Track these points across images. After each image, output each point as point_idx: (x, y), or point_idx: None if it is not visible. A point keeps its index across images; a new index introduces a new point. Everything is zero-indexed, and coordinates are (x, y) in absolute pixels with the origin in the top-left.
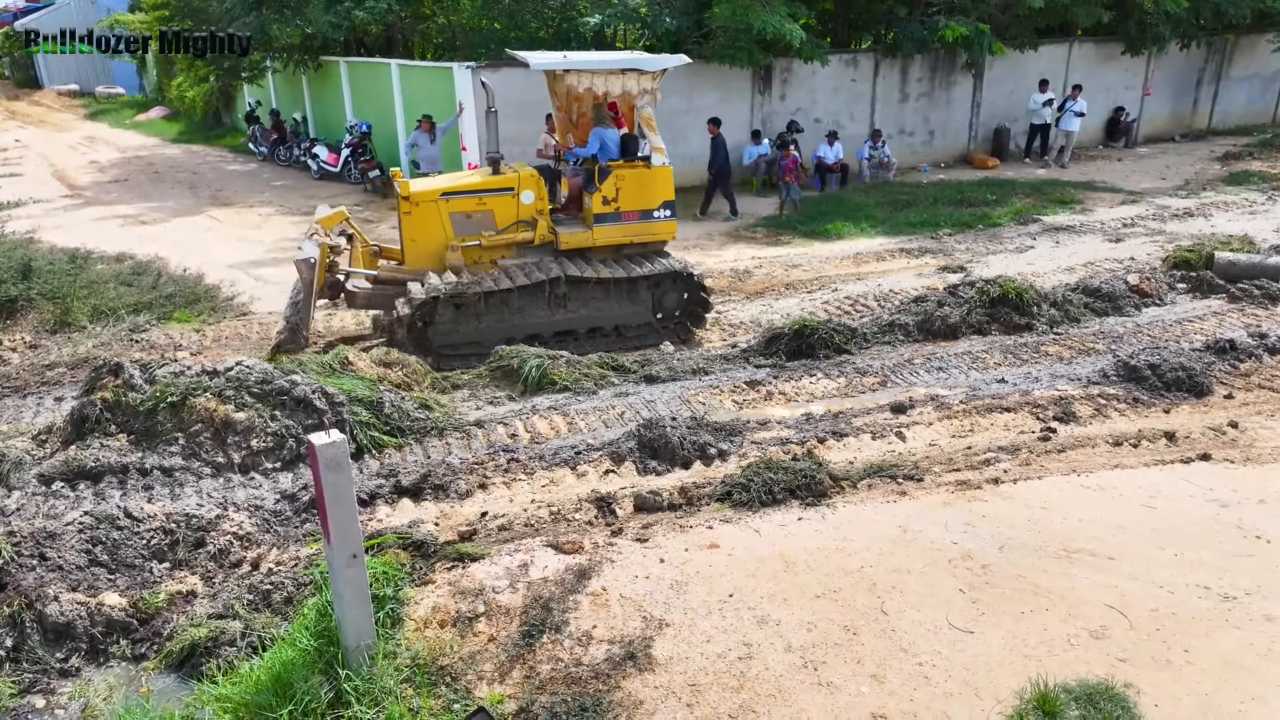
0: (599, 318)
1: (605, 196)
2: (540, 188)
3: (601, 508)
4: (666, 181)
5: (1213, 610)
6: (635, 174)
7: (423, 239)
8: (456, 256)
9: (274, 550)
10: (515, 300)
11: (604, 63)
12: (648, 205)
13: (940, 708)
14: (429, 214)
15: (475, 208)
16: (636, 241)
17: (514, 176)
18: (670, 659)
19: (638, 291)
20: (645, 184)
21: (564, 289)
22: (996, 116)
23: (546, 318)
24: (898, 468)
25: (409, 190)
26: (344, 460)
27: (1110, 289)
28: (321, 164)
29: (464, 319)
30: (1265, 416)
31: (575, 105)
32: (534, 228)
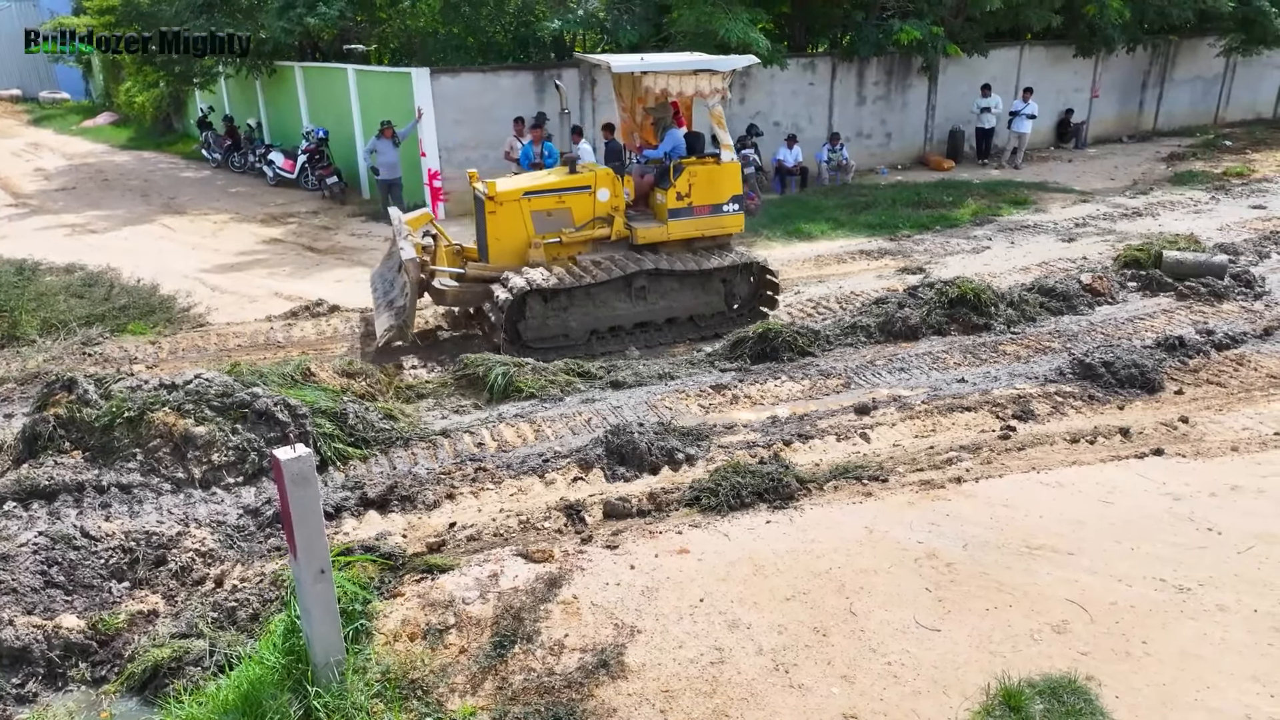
0: (676, 308)
1: (679, 192)
2: (616, 186)
3: (571, 515)
4: (735, 177)
5: (1169, 602)
6: (706, 170)
7: (506, 237)
8: (539, 253)
9: (238, 566)
10: (600, 294)
11: (680, 64)
12: (718, 200)
13: (910, 706)
14: (512, 213)
15: (555, 206)
16: (707, 235)
17: (591, 175)
18: (643, 665)
19: (712, 282)
20: (715, 179)
21: (644, 282)
22: (951, 119)
23: (628, 310)
24: (863, 469)
25: (495, 190)
26: (310, 474)
27: (1064, 288)
28: (278, 170)
29: (553, 313)
30: (1214, 411)
31: (638, 105)
32: (610, 224)
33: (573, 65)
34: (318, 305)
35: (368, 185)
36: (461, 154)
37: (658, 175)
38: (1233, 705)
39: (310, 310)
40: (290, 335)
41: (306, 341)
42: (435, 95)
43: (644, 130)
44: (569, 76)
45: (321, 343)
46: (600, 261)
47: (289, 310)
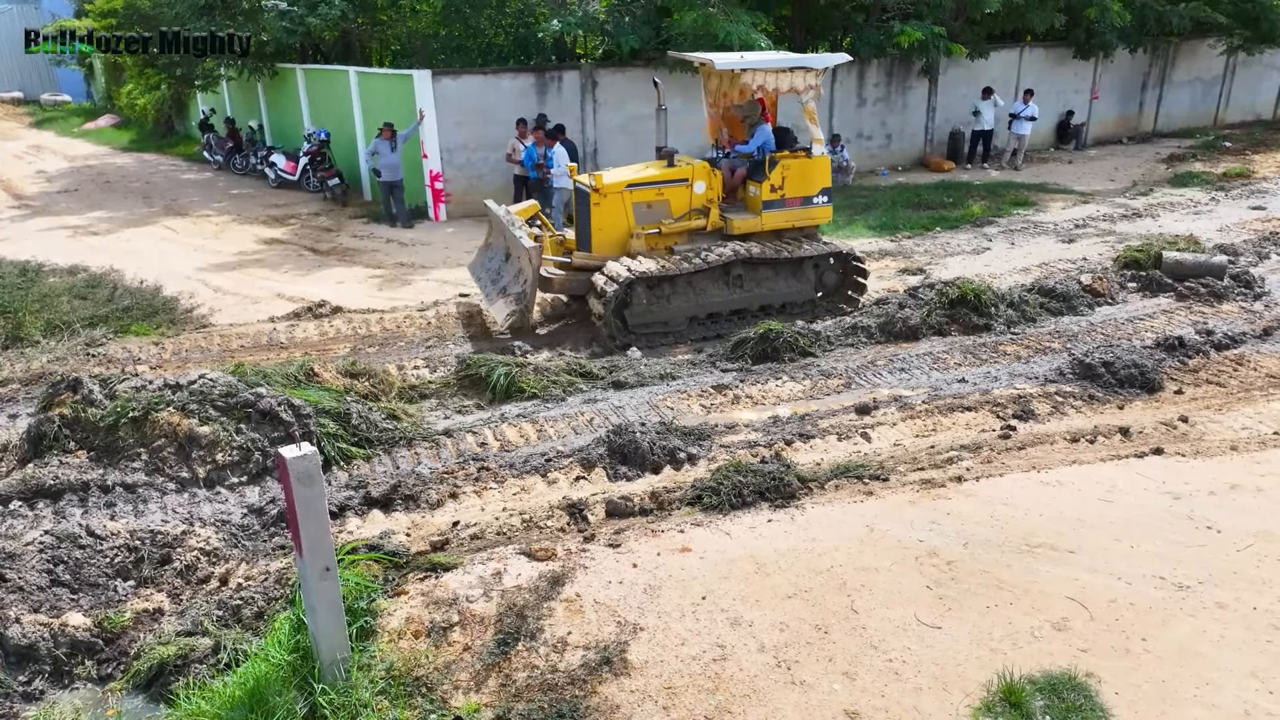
0: (769, 296)
1: (773, 184)
2: (711, 179)
3: (573, 514)
4: (824, 170)
5: (1168, 599)
6: (799, 164)
7: (609, 228)
8: (639, 243)
9: (243, 565)
10: (699, 282)
11: (777, 62)
12: (808, 192)
13: (911, 703)
14: (615, 205)
15: (655, 198)
16: (798, 226)
17: (689, 169)
18: (645, 663)
19: (803, 271)
20: (807, 172)
21: (741, 270)
22: (951, 120)
23: (725, 297)
24: (864, 468)
25: (601, 183)
26: (315, 473)
27: (1064, 289)
28: (279, 172)
29: (656, 300)
30: (1214, 411)
31: (723, 101)
32: (706, 215)
33: (572, 68)
34: (320, 306)
35: (369, 187)
36: (463, 155)
37: (750, 169)
38: (1231, 701)
39: (313, 311)
40: (293, 336)
41: (309, 342)
42: (437, 97)
43: (732, 126)
44: (569, 79)
45: (324, 343)
46: (700, 250)
47: (292, 311)
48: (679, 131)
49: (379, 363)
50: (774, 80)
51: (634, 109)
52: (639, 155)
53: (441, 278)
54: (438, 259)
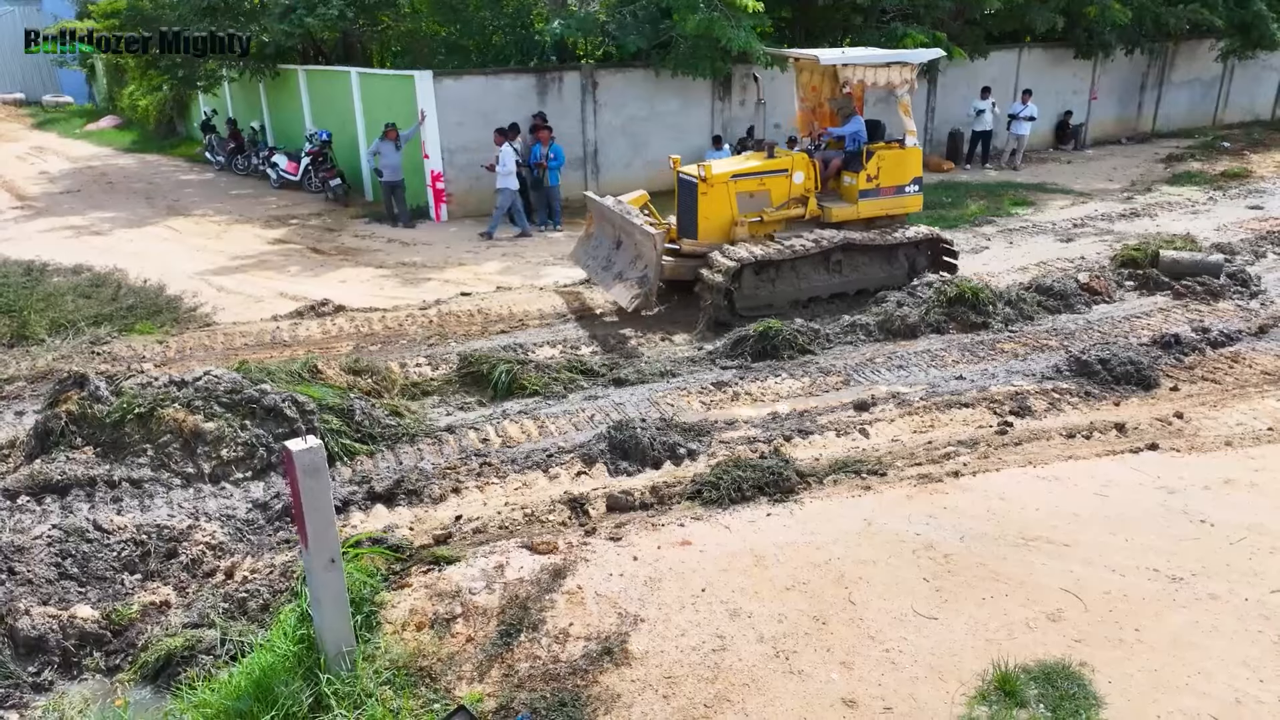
0: (865, 280)
1: (869, 174)
2: (809, 170)
3: (574, 508)
4: (916, 161)
5: (1161, 591)
6: (893, 154)
7: (714, 216)
8: (742, 231)
9: (248, 559)
10: (802, 267)
11: (877, 58)
12: (901, 181)
13: (907, 691)
14: (720, 194)
15: (757, 188)
16: (891, 213)
17: (789, 160)
18: (646, 653)
19: (897, 256)
20: (901, 163)
21: (840, 256)
22: (950, 121)
23: (825, 281)
24: (862, 463)
25: (710, 173)
26: (321, 466)
27: (1062, 287)
28: (281, 173)
29: (762, 284)
30: (1208, 407)
31: (814, 95)
32: (804, 204)
33: (573, 69)
34: (323, 305)
35: (371, 187)
36: (464, 156)
37: (847, 159)
38: (1223, 690)
39: (315, 310)
40: (296, 334)
41: (312, 340)
42: (438, 98)
43: (822, 119)
44: (569, 80)
45: (327, 342)
46: (802, 236)
47: (294, 310)
48: (681, 132)
49: (381, 360)
50: (872, 75)
51: (634, 110)
52: (638, 156)
53: (446, 277)
54: (439, 259)
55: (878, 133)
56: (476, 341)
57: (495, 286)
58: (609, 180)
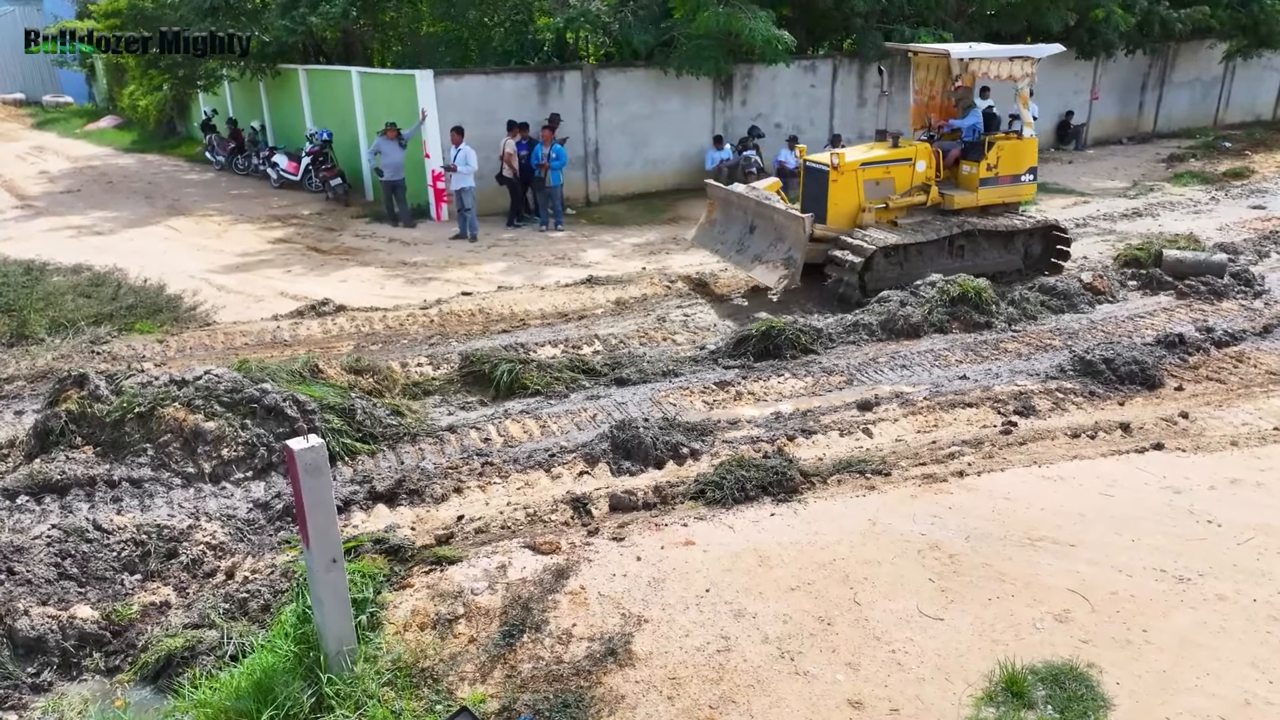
0: (983, 265)
1: (989, 163)
2: (931, 159)
3: (577, 508)
4: (1032, 151)
5: (1168, 592)
6: (1011, 145)
7: (843, 202)
8: (869, 216)
9: (249, 559)
10: (929, 251)
11: (1001, 51)
12: (1017, 171)
13: (913, 692)
14: (849, 181)
15: (883, 176)
16: (1008, 201)
17: (912, 149)
18: (650, 654)
19: (1014, 242)
20: (1018, 153)
21: (963, 242)
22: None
23: (947, 265)
24: (866, 463)
25: (842, 161)
26: (323, 464)
27: (1065, 287)
28: (281, 172)
29: (892, 268)
30: (1213, 407)
31: (923, 86)
32: (926, 192)
33: (574, 69)
34: (323, 305)
35: (371, 187)
36: None
37: (967, 149)
38: (1231, 691)
39: (316, 310)
40: (296, 334)
41: (313, 340)
42: (439, 97)
43: (935, 111)
44: (570, 80)
45: (328, 341)
46: (928, 222)
47: (295, 310)
48: (682, 131)
49: (382, 360)
50: (996, 68)
51: (634, 109)
52: (639, 155)
53: (447, 277)
54: (440, 258)
55: (993, 124)
56: (478, 341)
57: (496, 286)
58: (610, 180)
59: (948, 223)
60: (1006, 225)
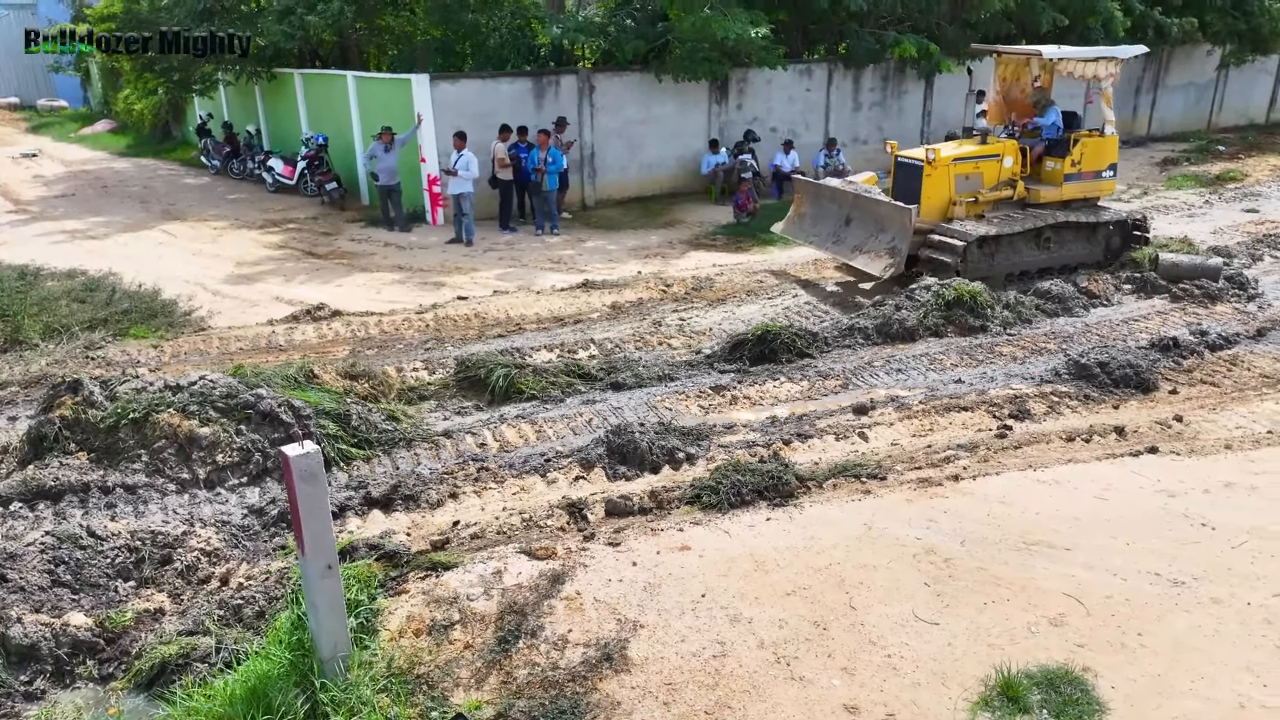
0: (1067, 257)
1: (1073, 159)
2: (1018, 155)
3: (573, 513)
4: (1113, 148)
5: (1163, 595)
6: (1094, 142)
7: (935, 196)
8: (959, 210)
9: (243, 565)
10: (1018, 243)
11: (1087, 53)
12: (1099, 167)
13: (909, 697)
14: (942, 176)
15: (972, 171)
16: (1089, 196)
17: (1000, 146)
18: (646, 659)
19: (1096, 235)
20: (1100, 150)
21: (1050, 234)
22: (947, 124)
23: (1035, 257)
24: (861, 467)
25: (938, 155)
26: (318, 471)
27: (1060, 290)
28: (277, 177)
29: (984, 258)
30: (1208, 410)
31: (1004, 86)
32: (1013, 187)
33: (570, 73)
34: (319, 309)
35: (367, 191)
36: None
37: (1052, 145)
38: (1226, 694)
39: (311, 315)
40: (292, 339)
41: (308, 345)
42: (435, 102)
43: (1015, 109)
44: (566, 84)
45: (323, 346)
46: (1014, 216)
47: (290, 314)
48: (678, 135)
49: (378, 365)
50: (1081, 68)
51: (631, 113)
52: (634, 159)
53: (443, 281)
54: (436, 263)
55: (1073, 123)
56: (473, 345)
57: (492, 290)
58: (606, 183)
59: (1037, 215)
60: (1092, 218)
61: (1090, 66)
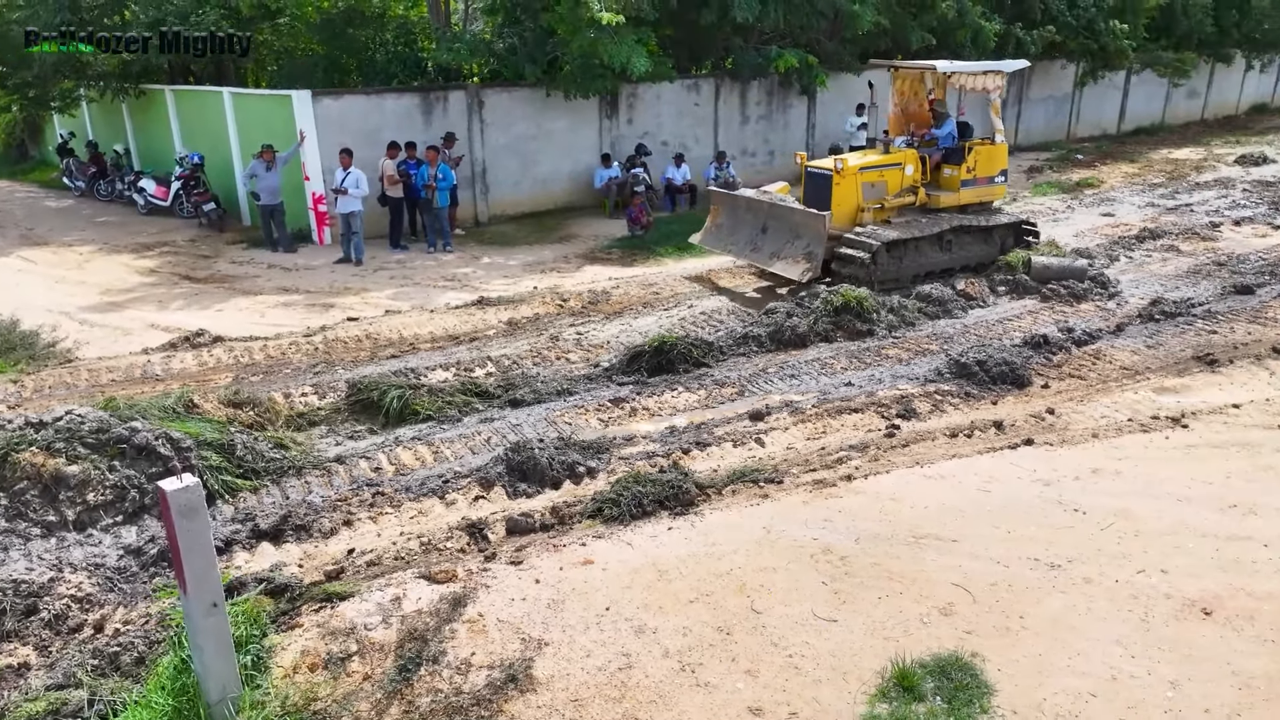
0: (967, 257)
1: (969, 166)
2: (917, 164)
3: (473, 534)
4: (1003, 155)
5: (1042, 579)
6: (987, 149)
7: (844, 203)
8: (867, 216)
9: (120, 610)
10: (923, 246)
11: (976, 67)
12: (992, 172)
13: (811, 694)
14: (850, 183)
15: (877, 179)
16: (984, 200)
17: (901, 155)
18: (551, 677)
19: (993, 236)
20: (992, 156)
21: (952, 236)
22: (830, 136)
23: (938, 258)
24: (759, 472)
25: (846, 165)
26: (198, 505)
27: (940, 294)
28: (149, 198)
29: (893, 261)
30: (1076, 402)
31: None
32: (915, 193)
33: (458, 88)
34: (199, 336)
35: (248, 212)
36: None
37: (949, 154)
38: (1100, 668)
39: (190, 341)
40: (170, 368)
41: (188, 374)
42: (318, 118)
43: (917, 120)
44: (454, 100)
45: (204, 374)
46: (920, 220)
47: (167, 342)
48: (570, 150)
49: (264, 391)
50: (972, 80)
51: (522, 129)
52: (527, 175)
53: (332, 302)
54: (324, 284)
55: (966, 132)
56: (366, 368)
57: (384, 310)
58: (499, 199)
59: (938, 219)
60: (988, 221)
61: (980, 79)
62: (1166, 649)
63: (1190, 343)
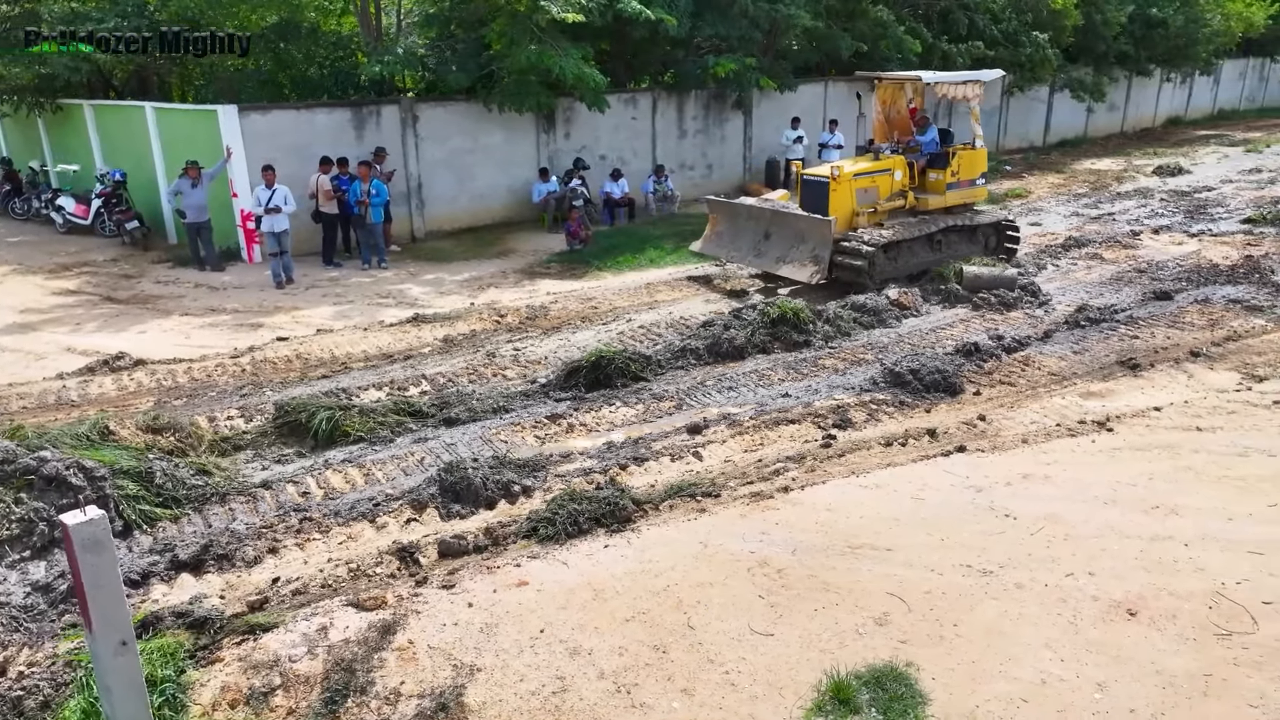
0: (955, 255)
1: (953, 170)
2: (905, 169)
3: (404, 558)
4: (983, 159)
5: (974, 586)
6: (968, 153)
7: (840, 208)
8: (861, 219)
9: (25, 651)
10: (915, 246)
11: (958, 77)
12: (973, 175)
13: (747, 711)
14: (845, 189)
15: (869, 184)
16: (968, 202)
17: (891, 161)
18: (484, 704)
19: (978, 234)
20: (973, 160)
21: (942, 236)
22: (766, 150)
23: (929, 257)
24: (696, 486)
25: (842, 172)
26: (104, 538)
27: (874, 304)
28: (68, 216)
29: (889, 260)
30: (1006, 409)
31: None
32: (904, 197)
33: (391, 102)
34: (119, 359)
35: (174, 229)
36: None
37: (933, 159)
38: (1030, 673)
39: (110, 365)
40: (86, 393)
41: (106, 399)
42: (245, 133)
43: (900, 128)
44: (388, 114)
45: (124, 399)
46: (910, 222)
47: (85, 366)
48: (507, 164)
49: (186, 415)
50: (953, 89)
51: (458, 143)
52: (464, 190)
53: (261, 322)
54: (253, 303)
55: (947, 138)
56: (295, 389)
57: (316, 329)
58: (436, 214)
59: (928, 221)
60: (974, 220)
61: (961, 89)
62: (1094, 651)
63: (1114, 348)
